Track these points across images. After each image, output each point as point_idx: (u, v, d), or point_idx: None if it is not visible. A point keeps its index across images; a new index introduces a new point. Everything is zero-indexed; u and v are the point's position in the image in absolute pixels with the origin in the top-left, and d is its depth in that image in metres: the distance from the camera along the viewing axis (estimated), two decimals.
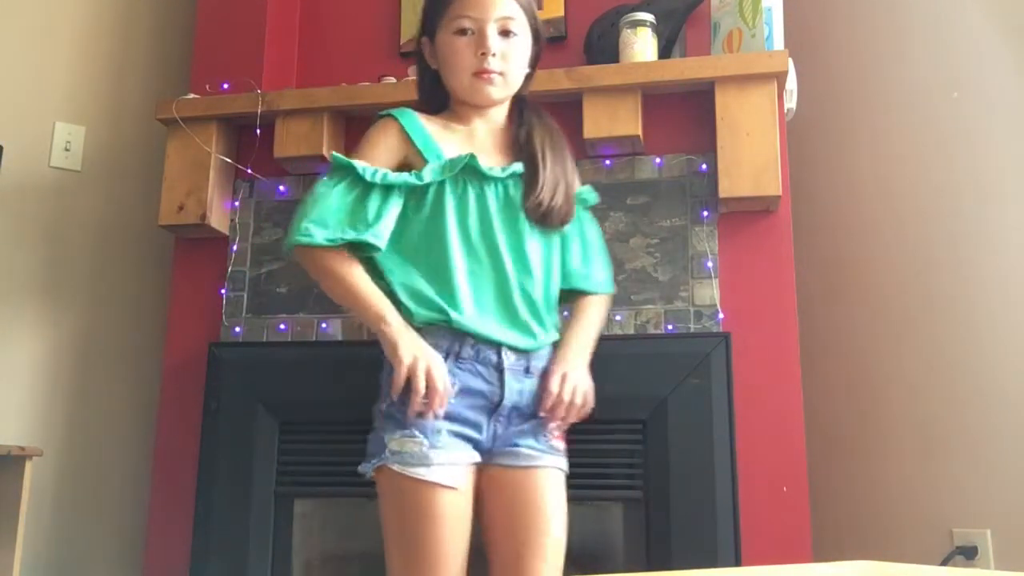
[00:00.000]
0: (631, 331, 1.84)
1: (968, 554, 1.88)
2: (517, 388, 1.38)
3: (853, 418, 2.11)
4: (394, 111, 1.46)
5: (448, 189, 1.39)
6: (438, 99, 1.51)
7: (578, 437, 1.78)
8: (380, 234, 1.35)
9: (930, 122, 2.10)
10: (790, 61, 1.81)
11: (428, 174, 1.38)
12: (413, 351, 1.32)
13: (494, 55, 1.40)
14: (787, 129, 1.89)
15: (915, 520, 1.98)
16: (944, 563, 1.88)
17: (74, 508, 2.21)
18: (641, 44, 1.89)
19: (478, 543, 1.40)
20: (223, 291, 2.04)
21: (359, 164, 1.38)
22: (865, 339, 2.13)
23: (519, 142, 1.46)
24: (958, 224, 2.01)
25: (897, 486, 2.02)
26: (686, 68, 1.85)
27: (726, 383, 1.76)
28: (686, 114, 1.91)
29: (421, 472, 1.31)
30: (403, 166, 1.42)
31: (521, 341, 1.39)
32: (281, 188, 2.07)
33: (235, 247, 2.06)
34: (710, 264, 1.83)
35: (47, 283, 2.27)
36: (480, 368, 1.36)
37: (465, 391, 1.35)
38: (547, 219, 1.41)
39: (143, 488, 2.15)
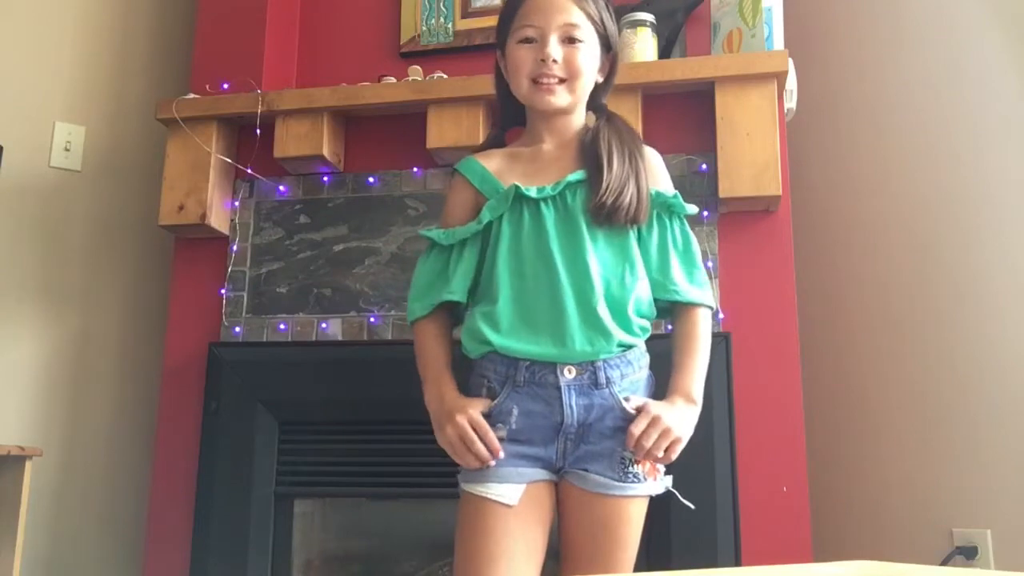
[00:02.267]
0: None
1: (968, 554, 1.88)
2: (583, 404, 1.34)
3: (853, 418, 2.11)
4: (458, 163, 1.51)
5: (505, 220, 1.41)
6: (515, 112, 1.51)
7: None
8: (456, 288, 1.42)
9: (930, 122, 2.10)
10: (790, 61, 1.81)
11: (485, 215, 1.42)
12: (445, 432, 1.35)
13: (554, 61, 1.39)
14: (787, 129, 1.89)
15: (915, 520, 1.98)
16: (944, 563, 1.88)
17: (74, 508, 2.21)
18: (641, 44, 1.89)
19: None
20: (223, 291, 2.04)
21: (435, 231, 1.47)
22: (865, 339, 2.13)
23: (585, 147, 1.43)
24: (958, 224, 2.01)
25: (897, 486, 2.02)
26: (686, 68, 1.85)
27: (726, 383, 1.76)
28: (686, 114, 1.91)
29: (478, 489, 1.34)
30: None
31: (579, 354, 1.34)
32: (281, 188, 2.07)
33: (235, 247, 2.06)
34: (710, 264, 1.83)
35: (47, 283, 2.27)
36: (538, 390, 1.34)
37: (525, 414, 1.35)
38: (613, 218, 1.36)
39: (143, 488, 2.16)
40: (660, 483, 1.39)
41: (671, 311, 1.45)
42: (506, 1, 1.47)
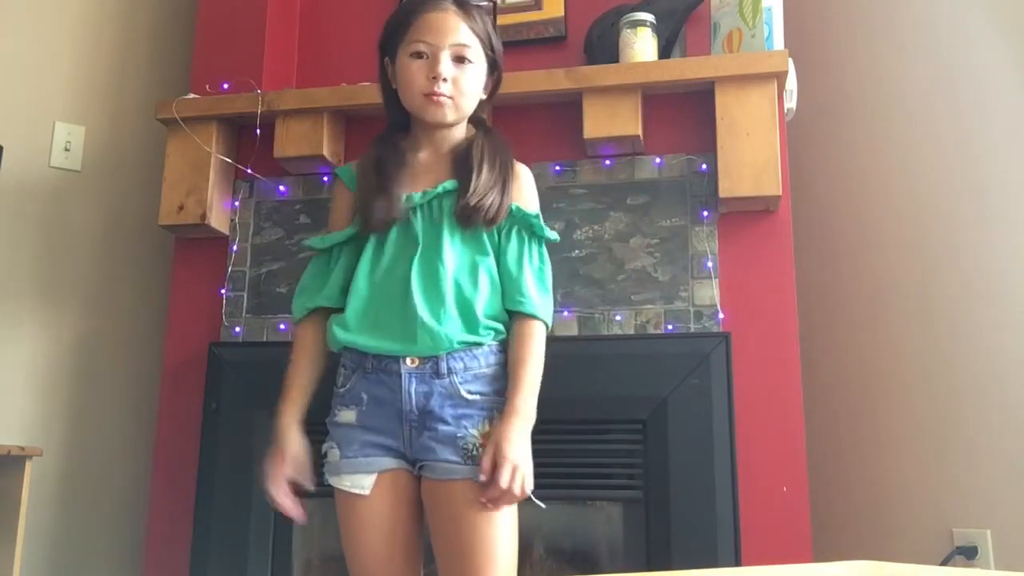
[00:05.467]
0: (631, 331, 1.84)
1: (968, 554, 1.88)
2: (423, 391, 1.40)
3: (853, 418, 2.11)
4: (338, 168, 1.60)
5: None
6: (402, 117, 1.56)
7: (578, 437, 1.79)
8: (329, 295, 1.50)
9: (930, 122, 2.10)
10: (790, 61, 1.81)
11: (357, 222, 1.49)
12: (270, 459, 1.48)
13: (445, 80, 1.45)
14: (787, 129, 1.89)
15: (915, 520, 1.98)
16: (944, 563, 1.88)
17: (74, 508, 2.21)
18: (641, 44, 1.90)
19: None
20: (223, 291, 2.04)
21: (313, 239, 1.55)
22: (865, 339, 2.13)
23: (458, 157, 1.50)
24: (958, 224, 2.02)
25: (897, 486, 2.02)
26: (686, 68, 1.85)
27: (726, 383, 1.76)
28: (686, 114, 1.91)
29: (334, 480, 1.45)
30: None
31: (421, 349, 1.40)
32: (281, 188, 2.07)
33: (235, 247, 2.06)
34: (710, 264, 1.83)
35: (47, 283, 2.27)
36: (383, 377, 1.42)
37: (372, 399, 1.43)
38: (473, 219, 1.43)
39: (143, 488, 2.15)
40: None
41: (511, 321, 1.48)
42: (397, 12, 1.53)
